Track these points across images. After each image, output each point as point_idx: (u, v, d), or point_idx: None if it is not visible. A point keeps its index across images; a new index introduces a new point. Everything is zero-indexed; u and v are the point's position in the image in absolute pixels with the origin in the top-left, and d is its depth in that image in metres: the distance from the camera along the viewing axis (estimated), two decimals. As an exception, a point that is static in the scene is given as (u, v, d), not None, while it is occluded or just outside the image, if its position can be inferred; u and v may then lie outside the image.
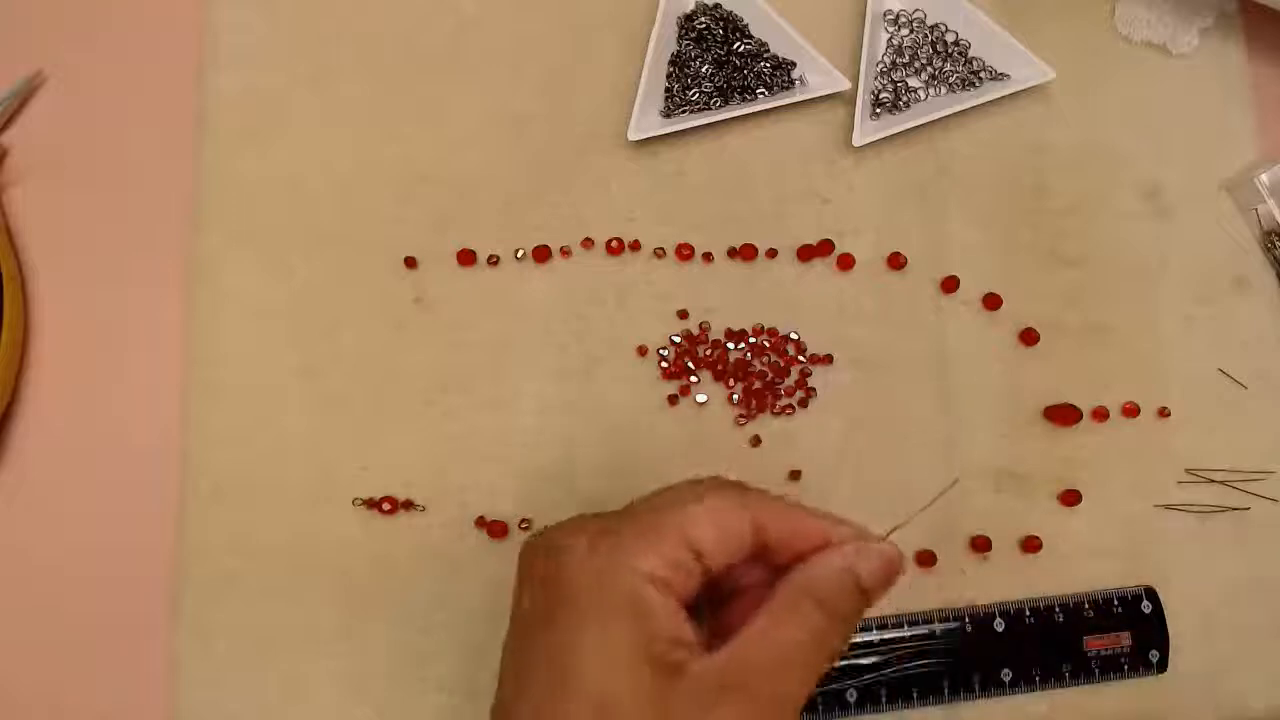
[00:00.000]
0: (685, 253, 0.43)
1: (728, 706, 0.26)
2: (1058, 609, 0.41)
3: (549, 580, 0.28)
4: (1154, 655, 0.41)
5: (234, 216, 0.43)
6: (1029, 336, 0.43)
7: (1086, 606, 0.41)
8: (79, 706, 0.40)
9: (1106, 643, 0.41)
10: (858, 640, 0.40)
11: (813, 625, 0.27)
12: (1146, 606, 0.41)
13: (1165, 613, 0.41)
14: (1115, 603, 0.41)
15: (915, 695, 0.40)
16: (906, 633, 0.40)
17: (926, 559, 0.42)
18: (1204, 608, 0.42)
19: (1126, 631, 0.41)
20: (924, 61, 0.45)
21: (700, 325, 0.43)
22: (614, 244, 0.43)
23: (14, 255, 0.42)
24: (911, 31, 0.45)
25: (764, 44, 0.44)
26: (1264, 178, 0.44)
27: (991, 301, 0.44)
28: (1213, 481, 0.43)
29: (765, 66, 0.44)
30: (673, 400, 0.42)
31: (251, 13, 0.44)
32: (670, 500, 0.29)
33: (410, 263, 0.43)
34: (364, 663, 0.40)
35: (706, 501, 0.28)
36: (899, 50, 0.45)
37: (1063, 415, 0.43)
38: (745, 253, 0.43)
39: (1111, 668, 0.41)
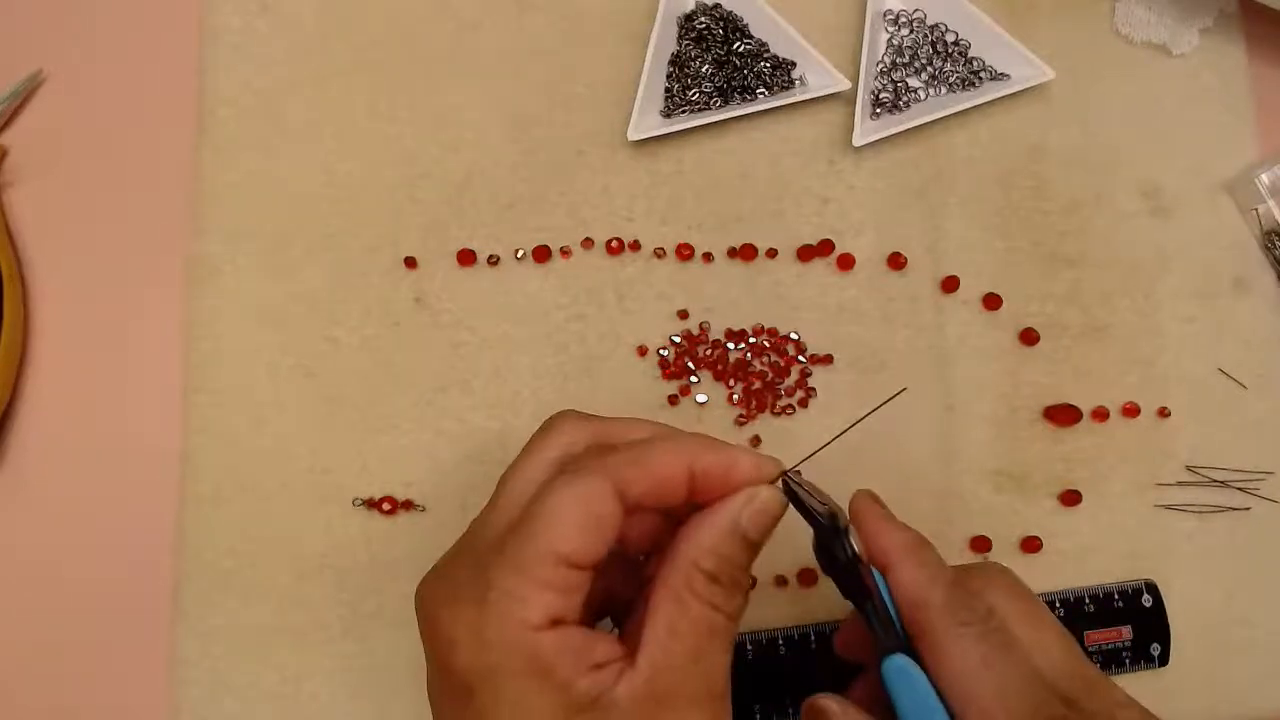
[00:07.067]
0: (685, 253, 0.43)
1: (669, 715, 0.26)
2: (1058, 604, 0.41)
3: (445, 669, 0.27)
4: (1155, 649, 0.41)
5: (234, 216, 0.43)
6: (1029, 336, 0.43)
7: (1087, 601, 0.41)
8: (79, 706, 0.40)
9: (1107, 636, 0.41)
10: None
11: (713, 599, 0.27)
12: (1147, 600, 0.42)
13: (1166, 609, 0.42)
14: (1116, 597, 0.41)
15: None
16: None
17: (926, 559, 0.42)
18: (1204, 609, 0.42)
19: (1127, 625, 0.41)
20: (924, 61, 0.45)
21: (700, 325, 0.43)
22: (614, 244, 0.43)
23: (14, 255, 0.42)
24: (911, 31, 0.45)
25: (764, 44, 0.44)
26: (1264, 178, 0.44)
27: (991, 301, 0.44)
28: (1213, 482, 0.43)
29: (765, 66, 0.44)
30: (673, 400, 0.42)
31: (251, 13, 0.44)
32: (531, 513, 0.27)
33: (410, 263, 0.43)
34: (364, 663, 0.40)
35: (563, 497, 0.27)
36: (899, 50, 0.45)
37: (1063, 415, 0.43)
38: (745, 253, 0.43)
39: (1113, 661, 0.41)
